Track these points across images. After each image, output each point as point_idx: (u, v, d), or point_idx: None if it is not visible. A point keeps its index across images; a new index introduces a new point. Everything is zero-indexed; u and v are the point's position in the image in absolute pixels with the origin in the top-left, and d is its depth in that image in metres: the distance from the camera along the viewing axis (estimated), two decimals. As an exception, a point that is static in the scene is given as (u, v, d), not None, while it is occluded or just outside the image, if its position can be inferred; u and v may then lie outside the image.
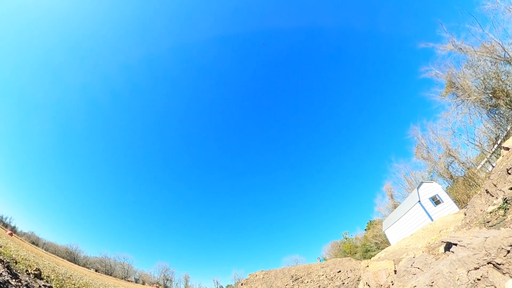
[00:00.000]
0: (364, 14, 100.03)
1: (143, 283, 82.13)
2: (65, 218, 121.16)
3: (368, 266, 14.67)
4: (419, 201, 29.07)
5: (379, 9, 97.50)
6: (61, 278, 14.84)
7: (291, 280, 22.89)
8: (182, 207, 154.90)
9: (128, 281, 74.23)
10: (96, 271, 68.30)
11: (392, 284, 10.74)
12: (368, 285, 12.84)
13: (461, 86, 26.97)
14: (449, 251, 9.23)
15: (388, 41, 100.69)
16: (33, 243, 62.56)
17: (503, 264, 5.37)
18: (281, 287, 22.47)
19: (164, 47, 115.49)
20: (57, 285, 12.04)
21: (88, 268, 66.93)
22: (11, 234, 43.26)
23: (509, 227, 7.02)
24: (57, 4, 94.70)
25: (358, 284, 19.36)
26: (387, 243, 38.70)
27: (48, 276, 12.86)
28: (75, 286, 14.98)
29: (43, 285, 9.08)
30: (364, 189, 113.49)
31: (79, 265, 63.98)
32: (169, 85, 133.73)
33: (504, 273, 5.30)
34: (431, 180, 34.43)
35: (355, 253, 55.36)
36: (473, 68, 24.78)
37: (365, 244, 53.80)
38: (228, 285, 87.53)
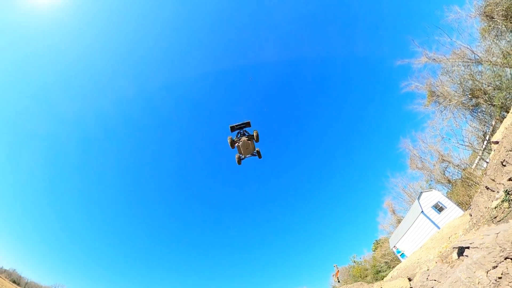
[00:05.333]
0: (342, 42, 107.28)
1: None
2: (51, 255, 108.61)
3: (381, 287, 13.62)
4: (422, 211, 28.41)
5: (354, 36, 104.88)
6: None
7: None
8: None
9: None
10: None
11: (410, 302, 9.82)
12: (384, 307, 11.72)
13: (441, 93, 28.17)
14: (463, 255, 8.76)
15: (367, 64, 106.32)
16: (14, 282, 58.05)
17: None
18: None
19: (157, 83, 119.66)
20: None
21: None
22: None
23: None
24: (56, 43, 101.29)
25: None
26: (397, 260, 36.94)
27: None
28: None
29: None
30: (365, 210, 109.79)
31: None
32: (162, 121, 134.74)
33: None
34: (430, 188, 34.00)
35: (366, 276, 52.32)
36: (449, 74, 26.32)
37: (374, 265, 51.23)
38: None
